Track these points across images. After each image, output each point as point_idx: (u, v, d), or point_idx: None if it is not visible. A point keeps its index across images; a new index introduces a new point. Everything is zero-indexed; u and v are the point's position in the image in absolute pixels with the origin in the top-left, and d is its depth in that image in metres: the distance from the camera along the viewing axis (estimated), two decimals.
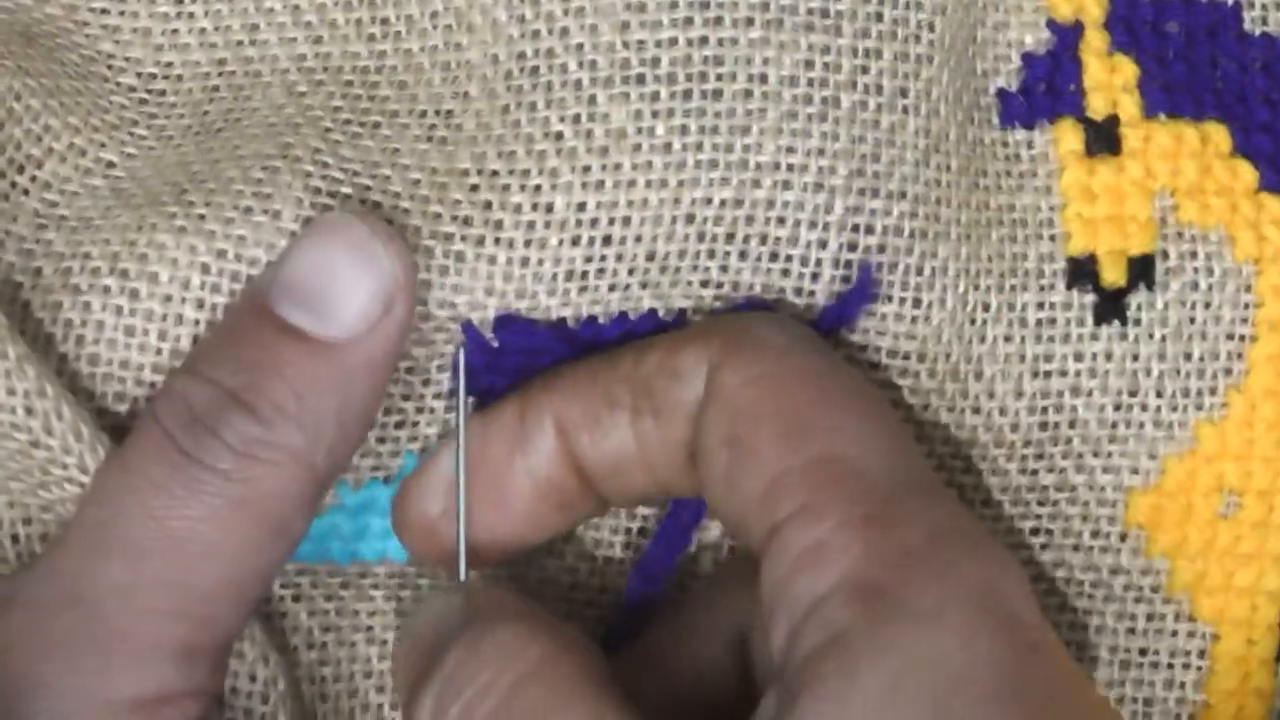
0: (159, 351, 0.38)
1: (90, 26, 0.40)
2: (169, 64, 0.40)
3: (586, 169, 0.38)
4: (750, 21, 0.38)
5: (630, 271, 0.38)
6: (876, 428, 0.36)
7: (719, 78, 0.38)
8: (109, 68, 0.40)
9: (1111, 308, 0.41)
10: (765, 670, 0.37)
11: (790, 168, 0.38)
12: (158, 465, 0.36)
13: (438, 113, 0.39)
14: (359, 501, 0.40)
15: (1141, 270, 0.41)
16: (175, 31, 0.40)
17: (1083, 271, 0.41)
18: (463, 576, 0.38)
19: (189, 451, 0.35)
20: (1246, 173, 0.41)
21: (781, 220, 0.38)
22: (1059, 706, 0.33)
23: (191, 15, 0.40)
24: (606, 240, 0.38)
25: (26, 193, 0.39)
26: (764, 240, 0.39)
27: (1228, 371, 0.41)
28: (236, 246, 0.37)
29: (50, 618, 0.35)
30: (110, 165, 0.39)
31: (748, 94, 0.38)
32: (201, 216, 0.38)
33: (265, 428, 0.36)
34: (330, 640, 0.41)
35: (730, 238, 0.38)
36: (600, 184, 0.38)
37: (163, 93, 0.40)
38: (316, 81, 0.40)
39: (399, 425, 0.39)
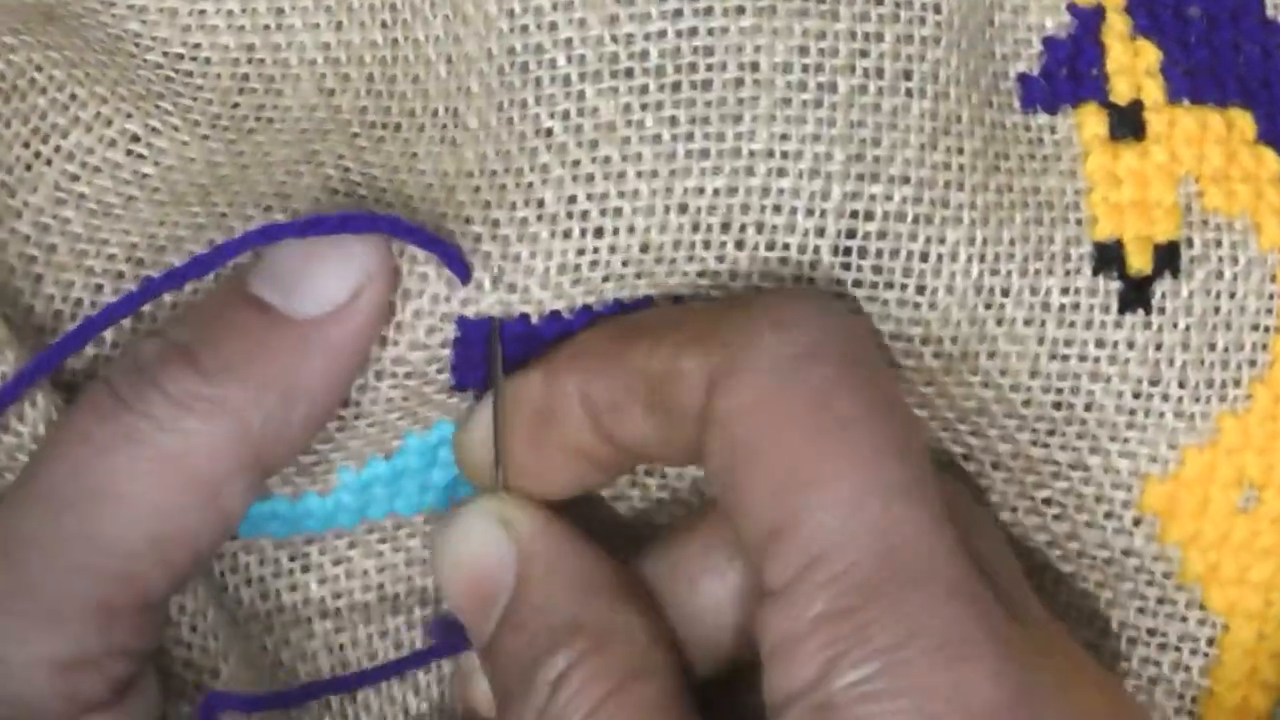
0: None
1: (116, 6, 0.41)
2: (196, 45, 0.41)
3: (576, 163, 0.39)
4: (741, 10, 0.38)
5: (624, 263, 0.39)
6: (878, 479, 0.34)
7: (709, 68, 0.38)
8: (136, 45, 0.41)
9: (1136, 295, 0.40)
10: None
11: (785, 155, 0.38)
12: (91, 414, 0.35)
13: (447, 110, 0.40)
14: (361, 482, 0.40)
15: (1167, 258, 0.40)
16: (203, 12, 0.41)
17: (1109, 257, 0.40)
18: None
19: (124, 398, 0.35)
20: (1272, 160, 0.40)
21: (778, 208, 0.39)
22: None
23: None
24: (599, 232, 0.39)
25: (49, 162, 0.39)
26: (760, 229, 0.39)
27: (1252, 363, 0.40)
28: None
29: None
30: (134, 139, 0.40)
31: (739, 82, 0.38)
32: (223, 214, 0.39)
33: (206, 383, 0.35)
34: (343, 605, 0.42)
35: (726, 227, 0.39)
36: (590, 177, 0.39)
37: (190, 74, 0.41)
38: (343, 75, 0.41)
39: (400, 417, 0.40)
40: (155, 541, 0.35)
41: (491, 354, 0.39)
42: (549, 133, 0.39)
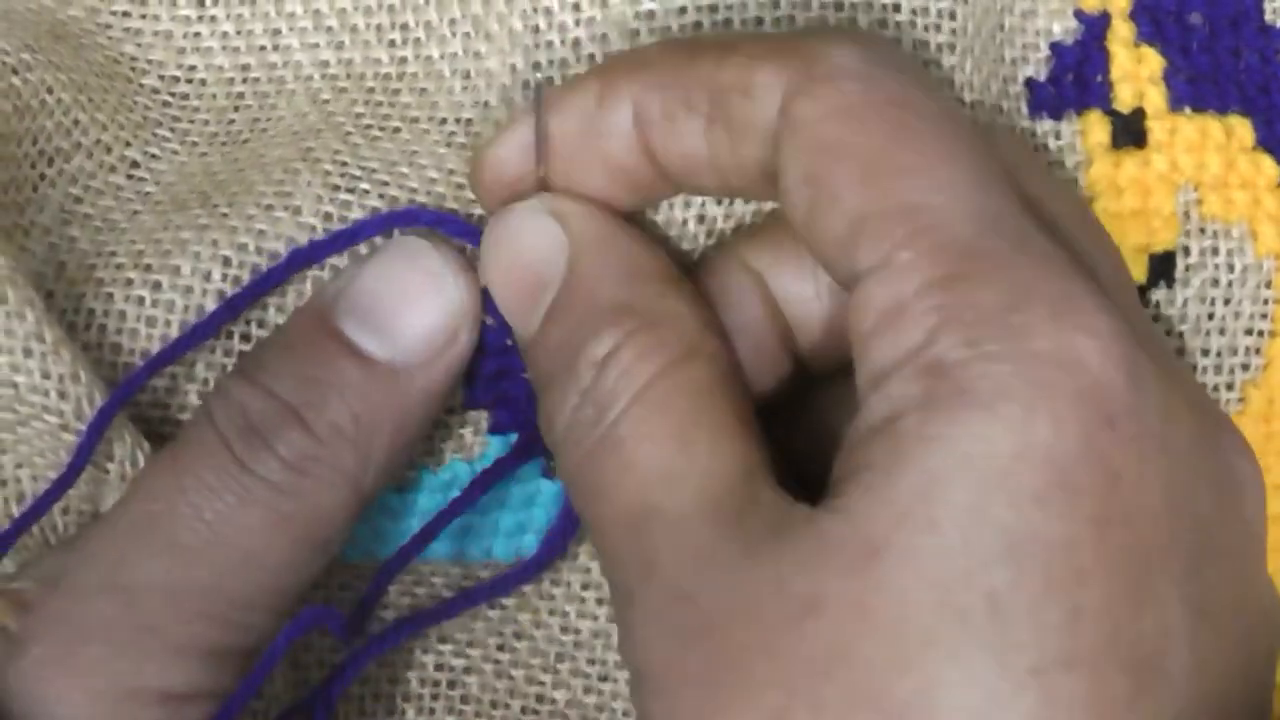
0: None
1: (113, 29, 0.41)
2: (192, 67, 0.41)
3: None
4: (760, 21, 0.38)
5: None
6: (964, 169, 0.33)
7: None
8: (132, 69, 0.41)
9: None
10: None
11: None
12: (211, 469, 0.36)
13: (458, 120, 0.40)
14: (371, 509, 0.39)
15: (1162, 268, 0.41)
16: (198, 35, 0.40)
17: None
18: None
19: (242, 459, 0.36)
20: (1269, 167, 0.41)
21: None
22: (1121, 499, 0.31)
23: (214, 19, 0.40)
24: None
25: (54, 185, 0.39)
26: None
27: (1245, 367, 0.41)
28: (257, 240, 0.38)
29: (91, 603, 0.36)
30: (134, 165, 0.40)
31: None
32: (225, 215, 0.38)
33: (319, 446, 0.36)
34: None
35: (726, 227, 0.39)
36: None
37: (186, 96, 0.41)
38: (340, 89, 0.40)
39: None
40: (273, 594, 0.37)
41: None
42: None
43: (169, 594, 0.36)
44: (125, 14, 0.41)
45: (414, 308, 0.37)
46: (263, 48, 0.40)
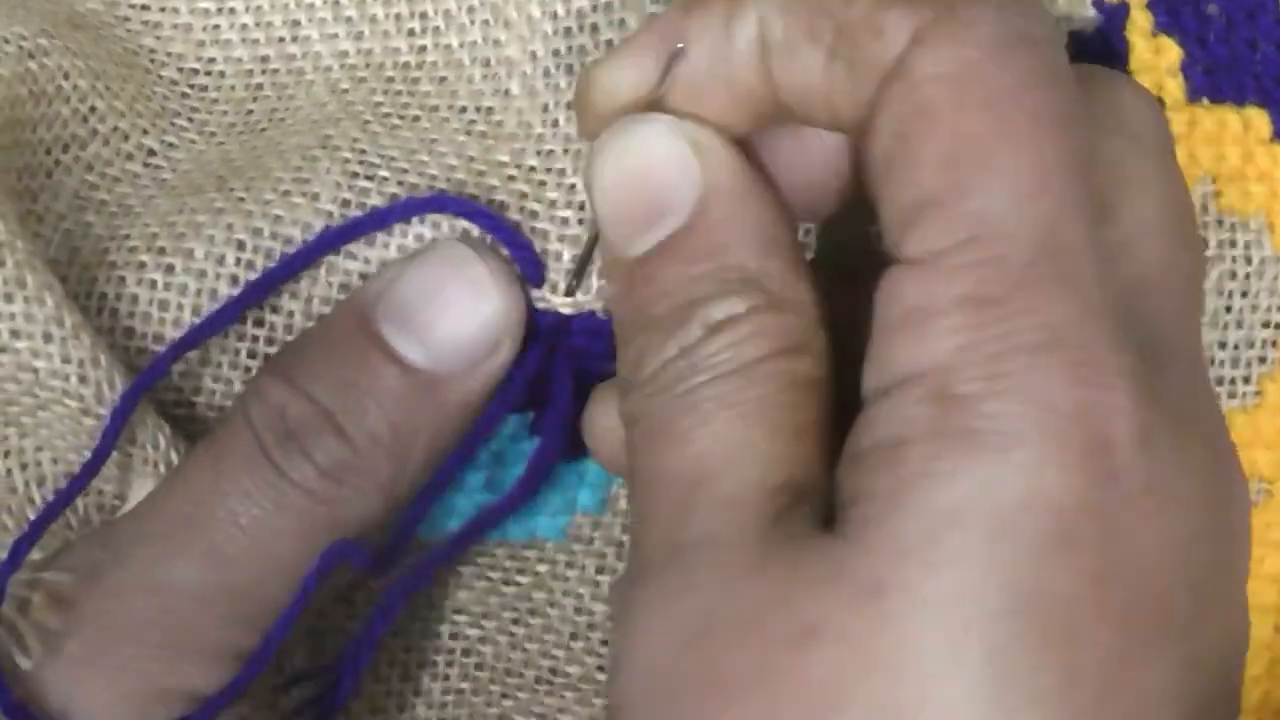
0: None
1: (131, 22, 0.41)
2: (211, 59, 0.41)
3: None
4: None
5: None
6: (1045, 180, 0.32)
7: None
8: (151, 61, 0.41)
9: None
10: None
11: None
12: (249, 475, 0.36)
13: (478, 109, 0.40)
14: None
15: None
16: (217, 28, 0.41)
17: None
18: None
19: (279, 465, 0.36)
20: None
21: None
22: (1122, 556, 0.31)
23: (233, 11, 0.41)
24: None
25: (69, 171, 0.40)
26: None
27: (1262, 360, 0.41)
28: (273, 225, 0.38)
29: (122, 603, 0.36)
30: (151, 153, 0.40)
31: None
32: (241, 199, 0.39)
33: (356, 455, 0.36)
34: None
35: None
36: None
37: (205, 88, 0.41)
38: (359, 78, 0.40)
39: None
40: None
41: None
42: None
43: (203, 598, 0.36)
44: (144, 7, 0.41)
45: (456, 317, 0.37)
46: (281, 39, 0.41)
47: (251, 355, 0.39)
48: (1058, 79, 0.33)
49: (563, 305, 0.39)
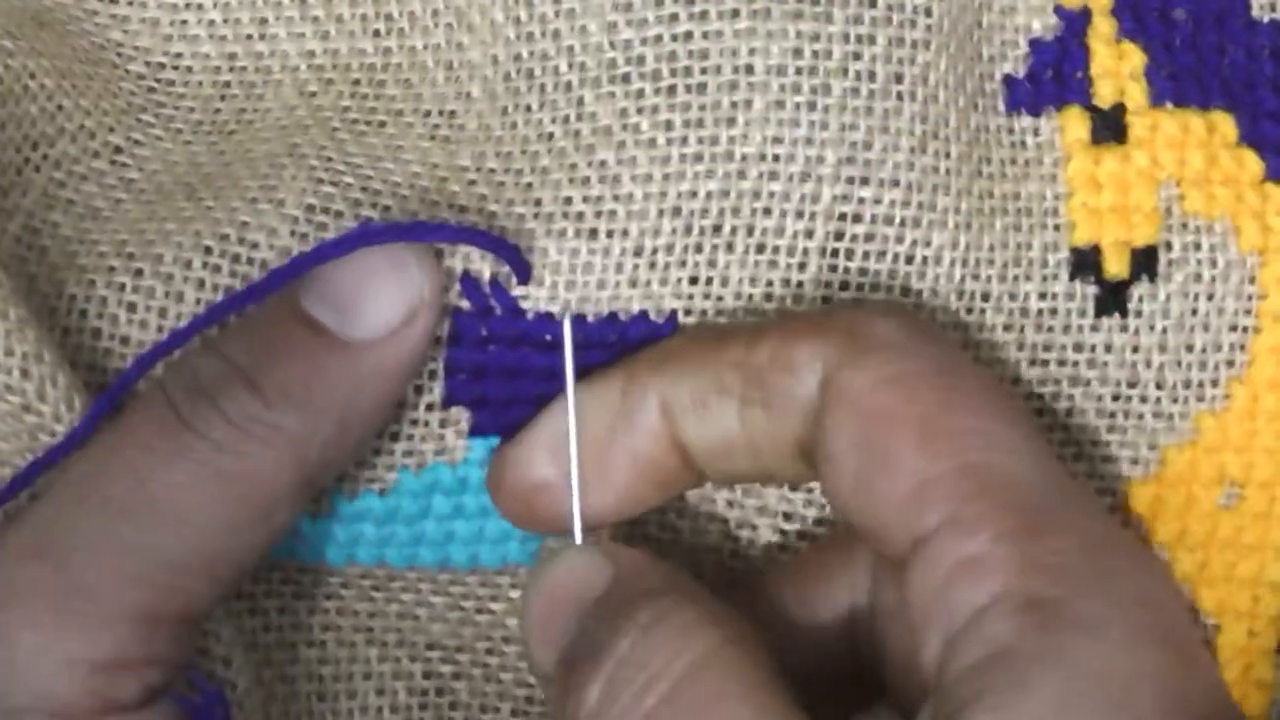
0: (159, 330, 0.38)
1: (99, 15, 0.41)
2: (178, 55, 0.41)
3: (573, 166, 0.39)
4: (736, 13, 0.38)
5: (618, 268, 0.39)
6: (1017, 431, 0.35)
7: (704, 71, 0.38)
8: (118, 55, 0.41)
9: (1112, 300, 0.41)
10: (894, 662, 0.38)
11: (777, 158, 0.39)
12: (150, 427, 0.36)
13: (441, 113, 0.40)
14: (353, 511, 0.40)
15: (1144, 262, 0.41)
16: (184, 23, 0.41)
17: (1086, 262, 0.41)
18: (579, 538, 0.38)
19: (185, 418, 0.36)
20: (1253, 163, 0.41)
21: (768, 211, 0.39)
22: (1196, 693, 0.33)
23: (200, 6, 0.41)
24: (593, 234, 0.39)
25: (37, 169, 0.40)
26: (750, 231, 0.39)
27: (1230, 363, 0.41)
28: (240, 231, 0.38)
29: (18, 567, 0.35)
30: (117, 150, 0.40)
31: (734, 85, 0.38)
32: (209, 207, 0.39)
33: (264, 408, 0.36)
34: (330, 639, 0.42)
35: (717, 230, 0.39)
36: (586, 180, 0.39)
37: (171, 83, 0.41)
38: (326, 80, 0.41)
39: (393, 438, 0.39)
40: (207, 557, 0.36)
41: (566, 369, 0.38)
42: (550, 136, 0.39)
43: (98, 555, 0.35)
44: (112, 1, 0.41)
45: (374, 288, 0.37)
46: (249, 36, 0.41)
47: None
48: (964, 360, 0.37)
49: (548, 304, 0.39)
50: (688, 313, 0.39)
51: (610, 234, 0.39)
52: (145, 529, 0.35)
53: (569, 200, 0.39)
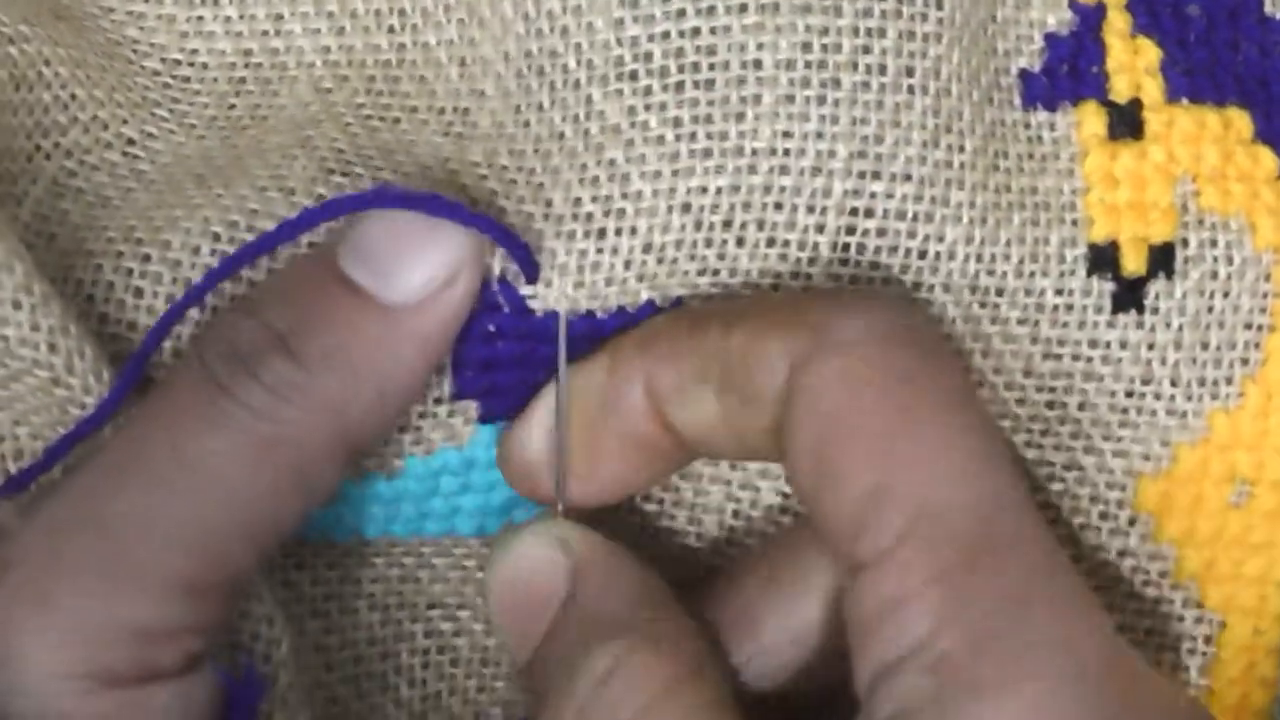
0: None
1: (115, 12, 0.41)
2: (194, 51, 0.41)
3: (584, 166, 0.39)
4: (744, 8, 0.38)
5: (626, 265, 0.39)
6: (969, 456, 0.35)
7: (712, 66, 0.38)
8: (134, 51, 0.41)
9: (1129, 296, 0.40)
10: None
11: (787, 152, 0.38)
12: (189, 394, 0.36)
13: (455, 109, 0.40)
14: (360, 494, 0.40)
15: (1162, 259, 0.40)
16: (200, 19, 0.41)
17: (1104, 259, 0.40)
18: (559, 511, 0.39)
19: (224, 384, 0.35)
20: (1268, 159, 0.41)
21: (779, 205, 0.39)
22: None
23: (217, 3, 0.41)
24: (601, 233, 0.39)
25: (48, 157, 0.40)
26: (761, 226, 0.39)
27: (1244, 361, 0.41)
28: (249, 219, 0.39)
29: (64, 537, 0.35)
30: (130, 142, 0.41)
31: (742, 80, 0.38)
32: (219, 195, 0.39)
33: (304, 373, 0.36)
34: (334, 608, 0.42)
35: (727, 225, 0.39)
36: (595, 179, 0.39)
37: (187, 79, 0.41)
38: (342, 76, 0.41)
39: (401, 428, 0.39)
40: (248, 524, 0.36)
41: (559, 349, 0.39)
42: (561, 135, 0.39)
43: (143, 524, 0.35)
44: None
45: (413, 250, 0.37)
46: (265, 33, 0.41)
47: None
48: (938, 363, 0.36)
49: (557, 301, 0.39)
50: (694, 299, 0.39)
51: (619, 232, 0.39)
52: (187, 498, 0.35)
53: (579, 201, 0.39)
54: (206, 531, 0.35)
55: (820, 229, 0.39)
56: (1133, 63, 0.41)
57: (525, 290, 0.39)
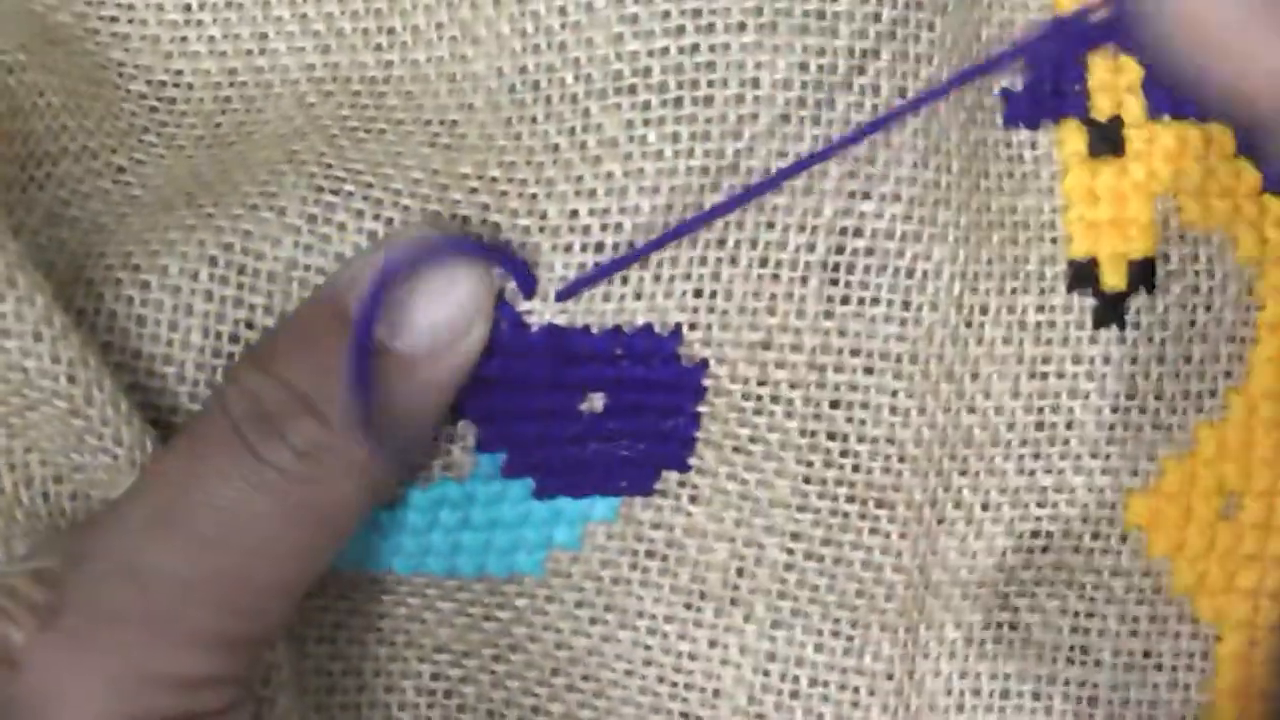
0: (169, 343, 0.38)
1: (100, 34, 0.41)
2: (179, 71, 0.41)
3: (580, 178, 0.39)
4: (743, 26, 0.38)
5: (622, 280, 0.39)
6: None
7: (710, 84, 0.38)
8: (120, 75, 0.41)
9: (1110, 312, 0.41)
10: None
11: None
12: (225, 457, 0.36)
13: (442, 122, 0.40)
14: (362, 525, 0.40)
15: (1142, 274, 0.41)
16: (184, 39, 0.41)
17: (1084, 275, 0.41)
18: None
19: (255, 448, 0.36)
20: (1250, 174, 0.41)
21: (771, 224, 0.39)
22: None
23: (200, 23, 0.41)
24: (599, 248, 0.38)
25: (42, 187, 0.40)
26: (754, 245, 0.39)
27: (1228, 374, 0.41)
28: (243, 240, 0.38)
29: (106, 590, 0.36)
30: (120, 170, 0.40)
31: (739, 99, 0.38)
32: (210, 215, 0.39)
33: (331, 435, 0.36)
34: (341, 636, 0.41)
35: (721, 243, 0.39)
36: (592, 192, 0.38)
37: (173, 100, 0.41)
38: (326, 92, 0.40)
39: None
40: (282, 581, 0.37)
41: None
42: (556, 148, 0.39)
43: (183, 582, 0.36)
44: (113, 19, 0.41)
45: (427, 299, 0.37)
46: (249, 52, 0.41)
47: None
48: None
49: (553, 318, 0.39)
50: (692, 326, 0.39)
51: (616, 247, 0.38)
52: (228, 559, 0.36)
53: (575, 213, 0.38)
54: (245, 591, 0.36)
55: (811, 248, 0.39)
56: (1114, 81, 0.41)
57: (522, 307, 0.38)
